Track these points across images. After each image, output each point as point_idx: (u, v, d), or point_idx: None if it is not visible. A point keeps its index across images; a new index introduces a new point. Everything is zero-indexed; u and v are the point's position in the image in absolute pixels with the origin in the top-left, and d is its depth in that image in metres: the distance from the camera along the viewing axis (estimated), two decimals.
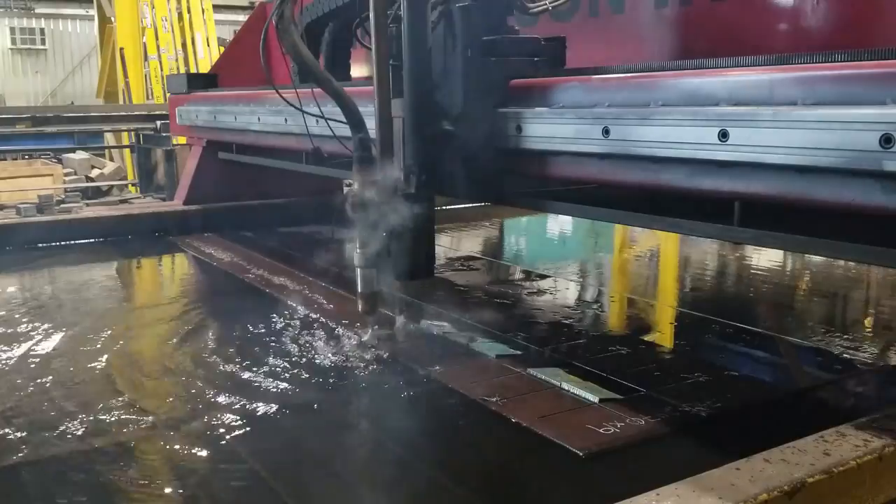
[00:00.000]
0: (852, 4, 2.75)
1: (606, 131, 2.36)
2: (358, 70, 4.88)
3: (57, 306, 3.73)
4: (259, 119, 4.55)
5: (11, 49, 28.56)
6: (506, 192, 3.06)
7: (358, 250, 3.01)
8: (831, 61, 1.91)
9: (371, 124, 2.98)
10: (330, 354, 3.00)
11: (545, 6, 3.01)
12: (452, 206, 6.40)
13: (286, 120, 4.06)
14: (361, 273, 3.04)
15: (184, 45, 14.81)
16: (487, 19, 2.83)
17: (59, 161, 10.55)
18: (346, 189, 2.96)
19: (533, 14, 3.04)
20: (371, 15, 2.82)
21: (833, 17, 2.77)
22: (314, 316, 3.45)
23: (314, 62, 3.06)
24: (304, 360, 2.92)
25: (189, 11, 14.90)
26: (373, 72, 2.88)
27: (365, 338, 3.12)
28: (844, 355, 2.99)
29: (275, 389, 2.66)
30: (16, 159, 10.71)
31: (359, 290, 3.07)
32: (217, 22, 15.96)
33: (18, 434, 2.32)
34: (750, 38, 3.10)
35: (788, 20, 2.95)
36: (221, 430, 2.33)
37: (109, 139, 11.89)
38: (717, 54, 2.22)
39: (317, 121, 3.36)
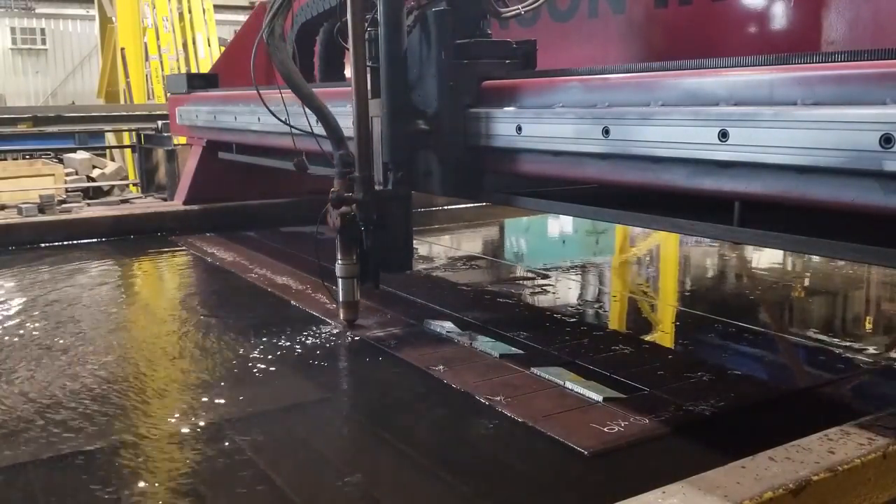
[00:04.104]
0: None
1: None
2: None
3: (60, 307, 3.74)
4: (259, 119, 4.56)
5: (12, 49, 28.56)
6: (483, 190, 3.16)
7: (339, 262, 3.17)
8: (831, 61, 1.92)
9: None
10: (333, 351, 3.02)
11: (517, 11, 3.08)
12: (453, 206, 6.42)
13: (286, 120, 4.07)
14: (342, 283, 3.21)
15: (185, 45, 14.83)
16: (461, 23, 2.97)
17: (61, 161, 10.53)
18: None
19: (505, 18, 3.11)
20: (349, 19, 2.93)
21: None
22: (317, 315, 3.46)
23: (300, 79, 3.19)
24: (309, 355, 2.94)
25: (190, 11, 14.91)
26: (351, 73, 3.01)
27: (369, 334, 3.14)
28: (846, 354, 3.00)
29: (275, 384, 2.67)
30: (17, 159, 10.71)
31: (340, 299, 3.24)
32: (218, 22, 15.98)
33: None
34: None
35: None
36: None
37: (110, 139, 11.89)
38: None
39: (317, 120, 3.38)
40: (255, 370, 2.84)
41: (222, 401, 2.57)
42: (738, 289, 4.41)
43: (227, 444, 2.27)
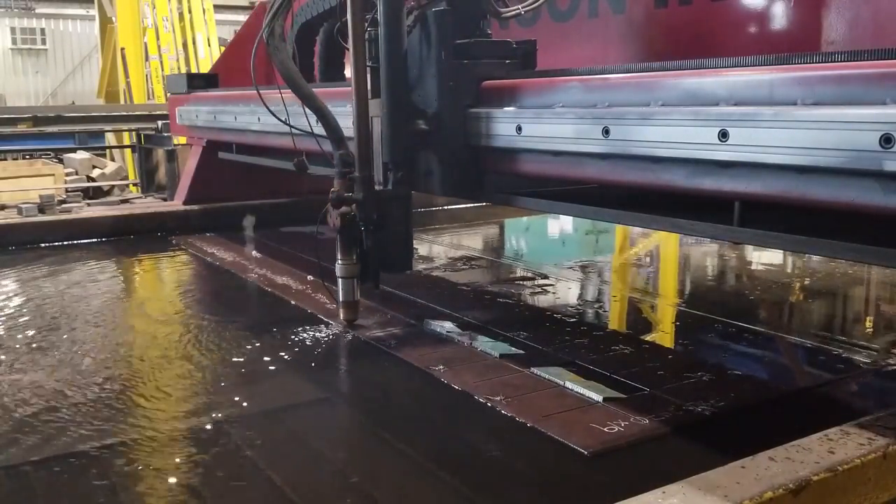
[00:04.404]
0: None
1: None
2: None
3: (59, 307, 3.74)
4: (259, 119, 4.56)
5: (12, 49, 28.56)
6: (483, 190, 3.16)
7: (339, 262, 3.16)
8: (831, 61, 1.92)
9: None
10: (333, 351, 3.02)
11: (517, 11, 3.08)
12: (453, 206, 6.42)
13: (286, 120, 4.07)
14: (342, 283, 3.19)
15: (185, 45, 14.84)
16: (461, 23, 2.97)
17: (61, 161, 10.53)
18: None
19: (505, 18, 3.11)
20: (349, 19, 2.93)
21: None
22: (317, 315, 3.46)
23: (300, 79, 3.19)
24: (309, 355, 2.94)
25: (190, 11, 14.91)
26: (351, 73, 3.02)
27: (369, 334, 3.15)
28: (846, 354, 3.00)
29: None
30: (17, 159, 10.71)
31: (340, 298, 3.23)
32: (217, 22, 15.98)
33: None
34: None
35: None
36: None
37: (110, 139, 11.89)
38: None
39: (317, 120, 3.38)
40: (254, 370, 2.84)
41: (221, 400, 2.57)
42: (738, 289, 4.40)
43: (226, 443, 2.27)
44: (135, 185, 9.52)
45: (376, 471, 2.15)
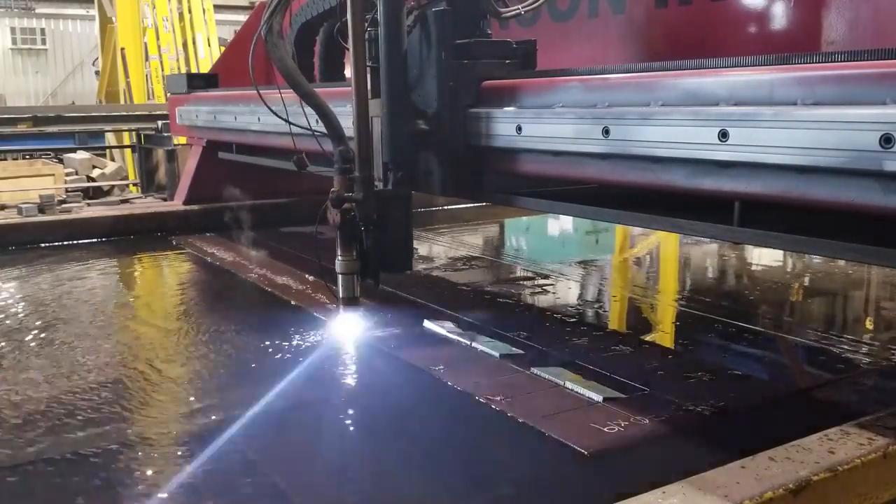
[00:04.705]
0: None
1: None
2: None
3: (58, 307, 3.74)
4: (259, 119, 4.56)
5: (12, 49, 28.57)
6: (483, 190, 3.16)
7: (339, 258, 3.14)
8: (831, 61, 1.92)
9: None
10: (332, 351, 3.02)
11: (517, 11, 3.08)
12: (453, 206, 6.42)
13: (287, 118, 4.06)
14: (342, 279, 3.18)
15: (185, 45, 14.85)
16: (461, 23, 2.97)
17: (61, 161, 10.53)
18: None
19: (505, 18, 3.12)
20: (349, 19, 2.94)
21: None
22: (316, 315, 3.46)
23: (299, 76, 3.18)
24: (308, 355, 2.94)
25: (190, 11, 14.93)
26: (351, 73, 3.02)
27: (369, 334, 3.15)
28: (846, 354, 3.00)
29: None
30: (17, 159, 10.71)
31: (340, 294, 3.21)
32: (218, 22, 15.99)
33: None
34: None
35: None
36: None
37: (110, 139, 11.89)
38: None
39: (316, 120, 3.37)
40: (253, 370, 2.84)
41: (221, 401, 2.58)
42: (738, 289, 4.40)
43: (226, 444, 2.26)
44: (135, 185, 9.51)
45: (376, 471, 2.15)
